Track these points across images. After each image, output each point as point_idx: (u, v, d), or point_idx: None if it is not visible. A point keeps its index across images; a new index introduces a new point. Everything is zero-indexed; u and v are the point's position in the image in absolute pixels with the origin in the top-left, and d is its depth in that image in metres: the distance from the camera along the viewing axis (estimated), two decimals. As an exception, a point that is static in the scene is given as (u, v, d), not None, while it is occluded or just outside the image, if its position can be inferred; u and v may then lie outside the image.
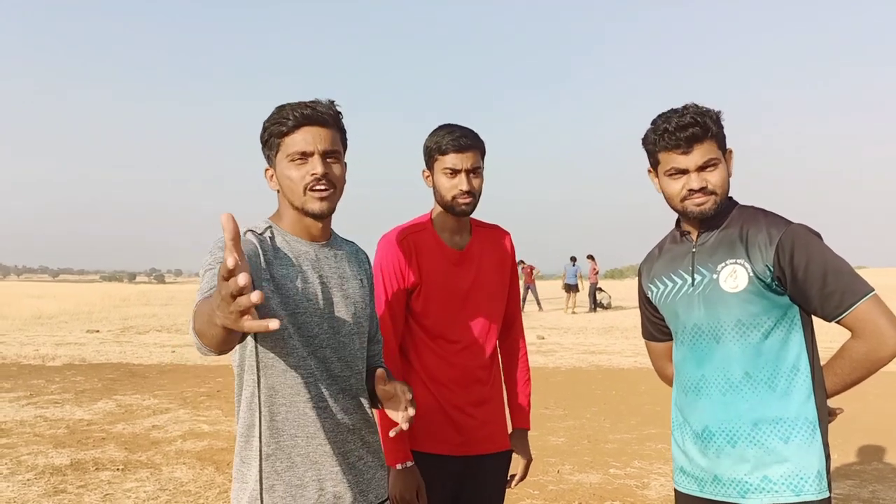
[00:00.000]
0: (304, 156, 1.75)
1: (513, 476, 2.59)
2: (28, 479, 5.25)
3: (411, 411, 1.74)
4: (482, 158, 2.39)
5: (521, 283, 25.62)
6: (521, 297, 25.08)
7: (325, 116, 1.77)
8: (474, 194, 2.36)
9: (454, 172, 2.33)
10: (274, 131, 1.77)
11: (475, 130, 2.38)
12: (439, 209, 2.43)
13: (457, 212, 2.37)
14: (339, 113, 1.82)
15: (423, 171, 2.44)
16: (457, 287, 2.42)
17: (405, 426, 1.73)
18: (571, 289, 24.96)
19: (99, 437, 6.62)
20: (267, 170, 1.84)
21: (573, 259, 25.09)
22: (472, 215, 2.45)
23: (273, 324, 1.17)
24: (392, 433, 1.74)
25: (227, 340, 1.40)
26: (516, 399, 2.63)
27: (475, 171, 2.35)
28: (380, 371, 1.78)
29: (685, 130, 1.94)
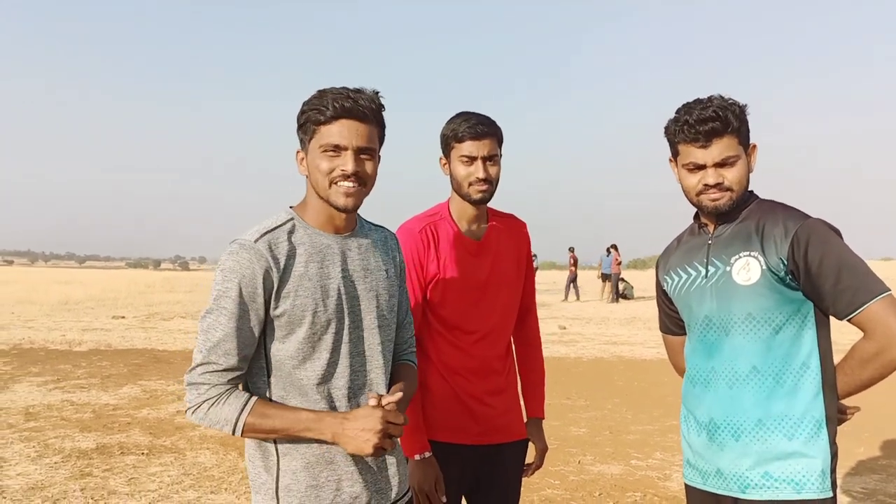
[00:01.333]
0: (338, 149, 1.71)
1: (529, 465, 2.59)
2: (55, 463, 5.34)
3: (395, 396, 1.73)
4: (499, 146, 2.37)
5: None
6: (570, 285, 25.43)
7: (364, 111, 1.72)
8: (491, 182, 2.33)
9: (471, 160, 2.31)
10: (311, 117, 1.72)
11: (492, 118, 2.36)
12: (456, 198, 2.41)
13: (473, 200, 2.34)
14: (382, 106, 1.77)
15: (440, 159, 2.42)
16: (474, 277, 2.41)
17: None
18: (608, 278, 25.27)
19: (124, 422, 6.71)
20: (298, 152, 1.81)
21: (608, 250, 25.36)
22: (489, 204, 2.43)
23: None
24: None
25: None
26: (531, 388, 2.62)
27: (492, 159, 2.33)
28: (371, 395, 1.72)
29: (705, 124, 1.91)
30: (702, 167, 1.95)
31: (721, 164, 1.94)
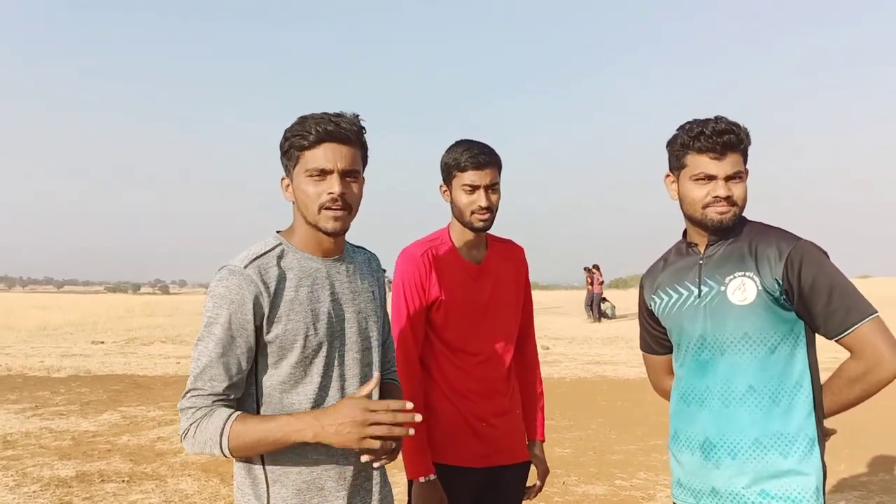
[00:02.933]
0: (323, 173, 1.72)
1: (531, 487, 2.60)
2: (34, 491, 5.25)
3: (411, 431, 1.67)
4: (499, 174, 2.42)
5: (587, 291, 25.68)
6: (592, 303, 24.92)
7: (347, 133, 1.74)
8: (492, 210, 2.39)
9: (473, 189, 2.36)
10: (295, 143, 1.73)
11: (491, 146, 2.41)
12: (457, 224, 2.46)
13: (476, 228, 2.39)
14: (363, 129, 1.79)
15: (441, 186, 2.47)
16: (476, 300, 2.45)
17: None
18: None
19: (104, 449, 6.63)
20: (283, 179, 1.82)
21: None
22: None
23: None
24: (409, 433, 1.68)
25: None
26: (532, 411, 2.65)
27: (493, 188, 2.38)
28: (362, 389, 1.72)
29: (721, 136, 1.95)
30: (713, 178, 1.97)
31: (731, 178, 1.97)
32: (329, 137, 1.72)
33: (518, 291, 2.58)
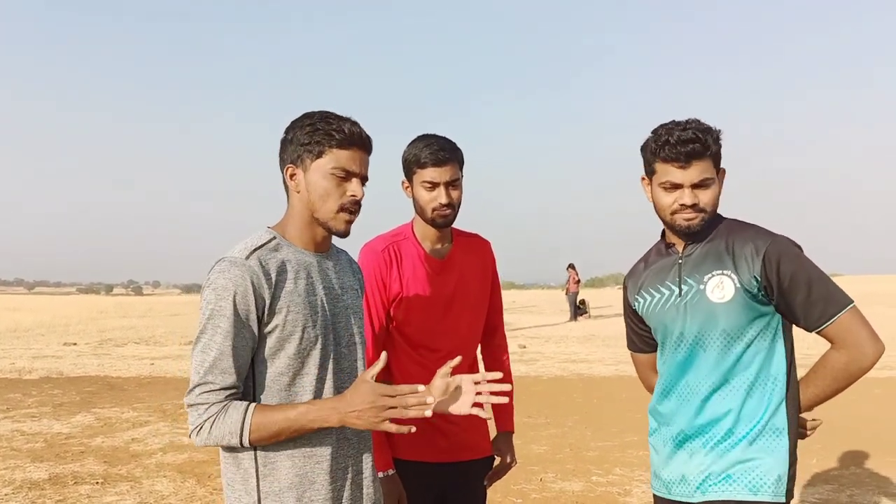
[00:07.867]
0: (348, 175, 1.76)
1: (491, 475, 2.58)
2: (6, 494, 5.18)
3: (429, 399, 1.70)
4: (461, 169, 2.41)
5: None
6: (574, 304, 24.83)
7: (370, 143, 1.81)
8: (453, 206, 2.38)
9: (433, 186, 2.34)
10: (321, 139, 1.74)
11: (453, 141, 2.40)
12: (419, 220, 2.45)
13: (437, 224, 2.39)
14: None
15: (403, 182, 2.45)
16: (438, 296, 2.44)
17: (429, 411, 1.70)
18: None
19: (77, 451, 6.55)
20: (289, 167, 1.80)
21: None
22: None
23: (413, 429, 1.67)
24: (428, 413, 1.69)
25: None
26: (500, 403, 2.63)
27: (454, 184, 2.37)
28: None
29: (686, 146, 1.97)
30: (679, 186, 2.00)
31: (697, 186, 1.99)
32: (359, 141, 1.77)
33: (484, 285, 2.57)
